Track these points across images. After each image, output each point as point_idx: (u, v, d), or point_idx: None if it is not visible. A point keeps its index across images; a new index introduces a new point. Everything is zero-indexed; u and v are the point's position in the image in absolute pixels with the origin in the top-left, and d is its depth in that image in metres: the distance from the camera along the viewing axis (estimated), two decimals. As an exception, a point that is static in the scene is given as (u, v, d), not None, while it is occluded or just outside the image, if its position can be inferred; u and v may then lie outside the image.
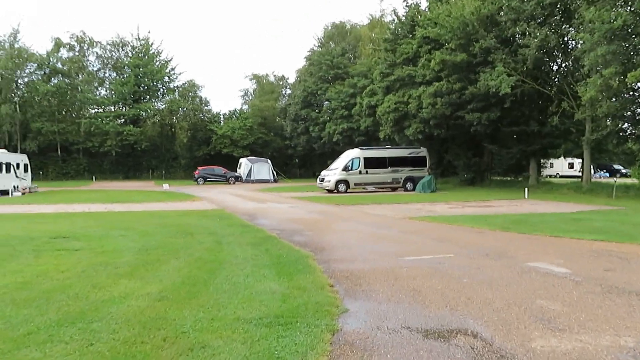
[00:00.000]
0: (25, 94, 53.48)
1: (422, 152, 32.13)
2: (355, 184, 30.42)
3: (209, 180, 45.70)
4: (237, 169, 48.92)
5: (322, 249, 9.19)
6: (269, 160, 49.65)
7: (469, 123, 29.87)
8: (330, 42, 59.46)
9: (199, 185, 42.88)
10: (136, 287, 6.23)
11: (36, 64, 53.18)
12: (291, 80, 65.60)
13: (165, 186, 36.00)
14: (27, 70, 53.91)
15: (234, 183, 45.61)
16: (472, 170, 35.26)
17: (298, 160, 63.06)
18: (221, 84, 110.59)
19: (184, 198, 25.15)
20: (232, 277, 6.81)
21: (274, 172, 49.03)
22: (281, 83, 66.66)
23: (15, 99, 52.49)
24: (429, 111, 30.31)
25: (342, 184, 29.91)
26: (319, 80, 53.90)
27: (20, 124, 51.75)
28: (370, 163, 30.63)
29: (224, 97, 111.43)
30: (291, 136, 57.58)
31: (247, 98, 66.55)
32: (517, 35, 28.08)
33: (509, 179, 35.95)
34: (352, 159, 30.60)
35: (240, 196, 26.79)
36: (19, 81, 53.51)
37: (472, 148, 35.46)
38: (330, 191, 29.80)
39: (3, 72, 51.04)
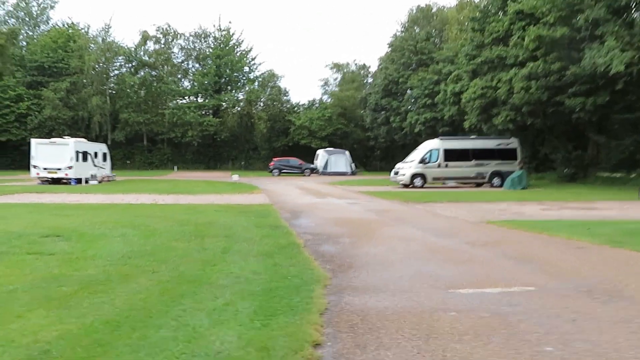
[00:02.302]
0: (115, 86, 55.67)
1: (513, 143, 28.16)
2: (434, 179, 27.30)
3: (284, 172, 44.52)
4: (314, 161, 47.36)
5: (348, 267, 6.78)
6: (347, 152, 47.54)
7: (569, 110, 25.55)
8: (415, 27, 55.82)
9: (273, 177, 41.80)
10: (38, 325, 4.28)
11: (125, 57, 55.16)
12: (373, 68, 62.85)
13: (235, 177, 35.09)
14: (117, 63, 56.17)
15: (309, 175, 44.04)
16: (573, 165, 30.42)
17: (379, 152, 60.16)
18: (301, 74, 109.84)
19: (245, 190, 23.70)
20: (189, 314, 4.66)
21: (352, 164, 46.82)
22: (362, 72, 64.07)
23: (107, 90, 54.79)
24: (521, 96, 26.37)
25: (419, 178, 26.94)
26: (401, 67, 50.61)
27: (110, 115, 53.94)
28: (451, 155, 27.32)
29: (304, 87, 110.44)
30: (371, 127, 54.90)
31: (327, 88, 64.77)
32: (633, 3, 23.32)
33: (618, 175, 30.64)
34: (431, 151, 27.48)
35: (304, 189, 24.86)
36: (110, 74, 55.86)
37: (574, 139, 30.72)
38: (405, 186, 26.99)
39: (96, 66, 53.44)
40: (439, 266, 6.91)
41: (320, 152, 47.38)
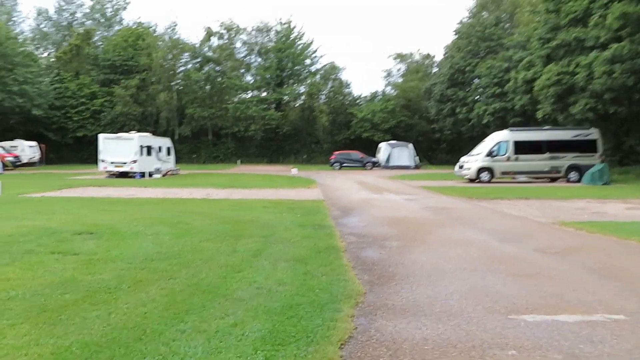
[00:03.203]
0: (181, 82, 57.02)
1: (592, 134, 25.58)
2: (502, 173, 25.36)
3: (345, 166, 43.64)
4: (376, 154, 46.14)
5: (388, 279, 5.80)
6: (410, 145, 45.87)
7: (661, 96, 22.77)
8: (483, 12, 52.70)
9: (333, 171, 41.02)
10: (10, 347, 3.69)
11: (190, 54, 56.35)
12: (438, 58, 60.29)
13: (294, 171, 34.65)
14: (182, 60, 57.48)
15: (370, 169, 42.91)
16: (664, 158, 27.31)
17: (445, 145, 57.72)
18: (363, 66, 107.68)
19: (301, 184, 23.07)
20: (186, 337, 3.93)
21: (416, 158, 45.14)
22: (427, 62, 61.58)
23: (174, 86, 56.24)
24: (603, 82, 23.80)
25: (485, 173, 25.13)
26: (468, 55, 48.00)
27: (176, 110, 55.35)
28: (522, 147, 25.24)
29: (366, 79, 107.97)
30: (437, 118, 52.66)
31: (389, 79, 62.84)
32: None
33: None
34: (499, 143, 25.53)
35: (361, 184, 23.86)
36: (177, 70, 57.28)
37: (665, 129, 27.53)
38: (471, 180, 25.30)
39: (163, 63, 54.95)
40: (499, 280, 5.76)
41: (382, 145, 46.07)
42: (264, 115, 53.96)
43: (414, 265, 6.48)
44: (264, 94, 57.41)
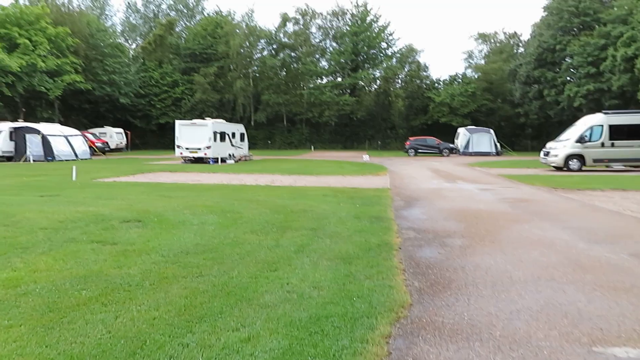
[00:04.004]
0: (257, 69, 57.71)
1: None
2: (595, 160, 22.88)
3: (420, 152, 42.02)
4: (454, 140, 44.06)
5: (443, 287, 4.90)
6: (491, 131, 43.30)
7: None
8: (578, -16, 48.22)
9: (408, 157, 39.60)
10: (-9, 355, 3.30)
11: (266, 40, 56.76)
12: (524, 37, 56.28)
13: (365, 157, 33.73)
14: (259, 47, 58.10)
15: (447, 155, 40.97)
16: None
17: (531, 130, 53.98)
18: (442, 47, 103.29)
19: (371, 171, 22.22)
20: (186, 354, 3.35)
21: (497, 144, 42.54)
22: (512, 41, 57.73)
23: (250, 73, 57.07)
24: None
25: (575, 160, 22.80)
26: (559, 32, 44.22)
27: (252, 97, 56.17)
28: (618, 132, 22.58)
29: (445, 61, 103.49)
30: (521, 102, 49.33)
31: (470, 61, 59.78)
32: None
33: None
34: (592, 127, 23.02)
35: (434, 171, 22.54)
36: (253, 57, 58.01)
37: None
38: (558, 168, 23.13)
39: (240, 50, 55.83)
40: (583, 296, 4.67)
41: (461, 130, 43.87)
42: (338, 101, 53.36)
43: (477, 271, 5.50)
44: (339, 79, 56.74)
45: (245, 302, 4.46)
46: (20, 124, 32.70)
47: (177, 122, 31.38)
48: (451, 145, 42.38)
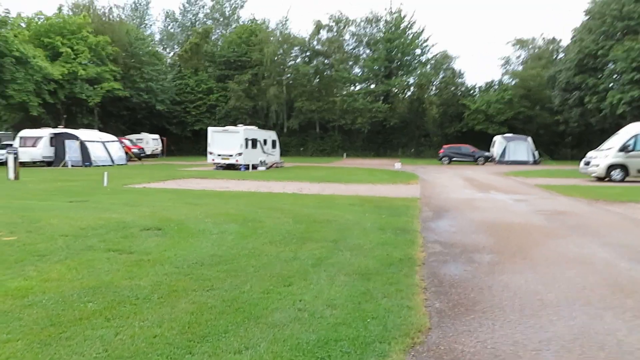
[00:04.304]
0: (290, 76, 57.95)
1: None
2: (639, 171, 21.77)
3: (454, 160, 41.14)
4: (490, 148, 42.97)
5: (466, 310, 4.53)
6: (529, 139, 42.02)
7: None
8: (622, -13, 46.41)
9: (441, 165, 38.82)
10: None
11: (300, 47, 56.98)
12: (564, 42, 54.50)
13: (397, 165, 33.19)
14: (292, 54, 58.35)
15: (482, 164, 39.93)
16: None
17: (570, 139, 52.12)
18: (478, 54, 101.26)
19: (402, 180, 21.77)
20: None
21: (535, 152, 41.25)
22: (551, 47, 56.00)
23: (283, 80, 57.34)
24: None
25: (618, 170, 21.72)
26: (601, 37, 42.57)
27: (285, 104, 56.40)
28: (666, 142, 21.43)
29: (481, 67, 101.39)
30: (561, 109, 47.65)
31: (507, 67, 58.24)
32: None
33: None
34: (636, 136, 21.88)
35: (467, 180, 21.89)
36: (287, 64, 58.31)
37: None
38: (599, 179, 22.09)
39: (274, 57, 56.19)
40: (624, 323, 4.22)
41: (497, 138, 42.75)
42: (371, 108, 52.93)
43: (505, 292, 5.10)
44: (372, 86, 56.33)
45: (253, 320, 4.22)
46: (60, 130, 33.68)
47: (210, 128, 31.69)
48: (486, 154, 41.33)
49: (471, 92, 54.75)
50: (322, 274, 5.65)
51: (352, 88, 57.15)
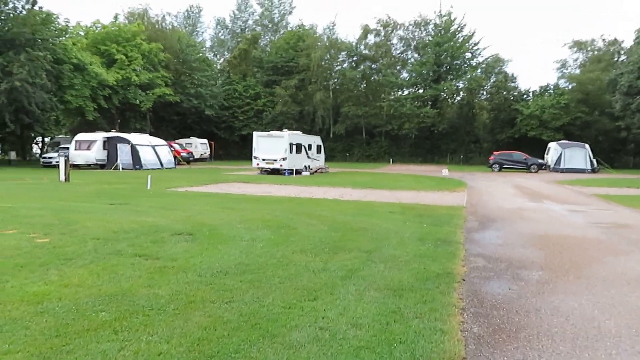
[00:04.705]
0: (337, 81, 57.77)
1: None
2: None
3: (505, 167, 39.57)
4: (544, 155, 41.10)
5: (508, 337, 3.99)
6: (586, 145, 39.85)
7: None
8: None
9: (491, 173, 37.40)
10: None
11: (347, 52, 56.71)
12: (627, 43, 51.52)
13: (444, 172, 32.18)
14: (339, 59, 58.16)
15: (535, 171, 38.17)
16: None
17: (633, 146, 49.11)
18: (532, 57, 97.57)
19: (448, 187, 20.98)
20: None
21: (593, 160, 39.07)
22: (612, 49, 53.05)
23: (330, 86, 57.21)
24: None
25: (687, 180, 20.10)
26: (668, 37, 39.93)
27: (332, 109, 56.22)
28: None
29: (535, 71, 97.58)
30: (623, 115, 44.93)
31: (564, 71, 55.60)
32: None
33: None
34: None
35: (519, 188, 20.81)
36: (333, 69, 58.18)
37: None
38: (665, 189, 20.51)
39: (321, 63, 56.18)
40: (698, 361, 3.58)
41: (552, 145, 40.79)
42: (418, 113, 51.85)
43: (555, 316, 4.51)
44: (420, 90, 55.18)
45: (268, 338, 3.87)
46: (113, 134, 34.82)
47: (255, 133, 31.84)
48: (540, 161, 39.52)
49: (524, 96, 52.61)
50: (351, 288, 5.24)
51: (400, 93, 56.24)
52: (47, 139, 46.25)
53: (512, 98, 52.53)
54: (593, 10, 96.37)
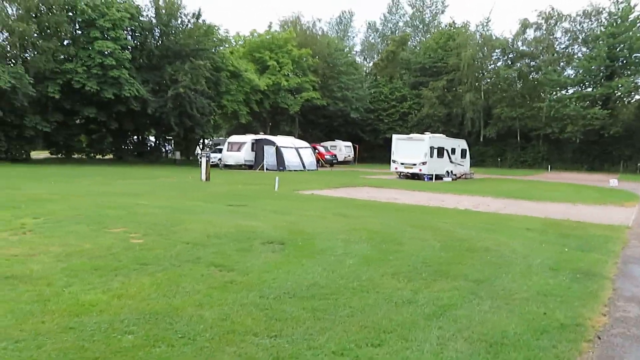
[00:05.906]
0: (489, 81, 53.88)
1: None
2: None
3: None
4: None
5: None
6: None
7: None
8: None
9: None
10: None
11: (501, 50, 52.53)
12: None
13: (613, 182, 27.42)
14: (493, 57, 54.15)
15: None
16: None
17: None
18: None
19: (615, 200, 17.64)
20: None
21: None
22: None
23: (481, 86, 53.56)
24: None
25: None
26: None
27: (482, 111, 52.54)
28: None
29: None
30: None
31: None
32: None
33: None
34: None
35: None
36: (486, 68, 54.39)
37: None
38: None
39: (472, 62, 52.88)
40: None
41: None
42: (585, 114, 45.65)
43: None
44: (588, 89, 48.64)
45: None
46: (260, 136, 36.64)
47: (394, 136, 30.87)
48: None
49: None
50: (433, 334, 4.05)
51: (563, 92, 50.24)
52: (207, 141, 50.67)
53: None
54: None
